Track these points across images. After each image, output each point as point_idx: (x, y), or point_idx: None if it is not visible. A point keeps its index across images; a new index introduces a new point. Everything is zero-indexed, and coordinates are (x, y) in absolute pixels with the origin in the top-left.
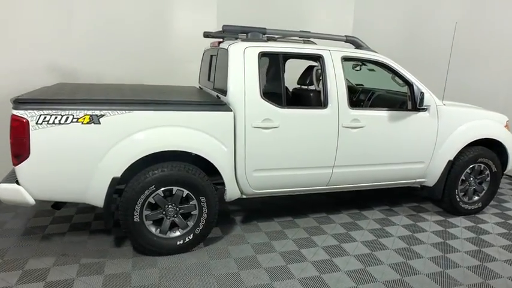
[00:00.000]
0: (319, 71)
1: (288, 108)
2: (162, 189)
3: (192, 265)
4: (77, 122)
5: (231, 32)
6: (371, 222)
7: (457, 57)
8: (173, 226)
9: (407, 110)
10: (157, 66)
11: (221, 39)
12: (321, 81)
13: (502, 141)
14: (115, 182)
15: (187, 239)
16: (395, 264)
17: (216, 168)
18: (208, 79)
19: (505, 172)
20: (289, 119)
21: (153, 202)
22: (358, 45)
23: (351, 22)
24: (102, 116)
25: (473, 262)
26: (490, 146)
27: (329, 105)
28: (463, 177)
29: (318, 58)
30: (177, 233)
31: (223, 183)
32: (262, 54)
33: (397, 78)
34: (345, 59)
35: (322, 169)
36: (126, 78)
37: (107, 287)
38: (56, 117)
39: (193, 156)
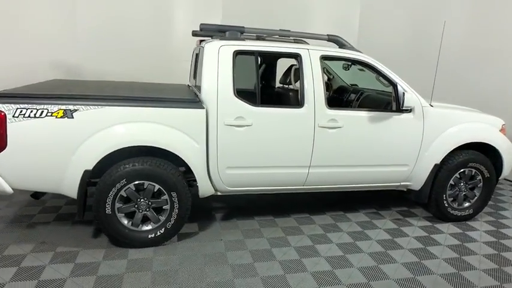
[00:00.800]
0: (298, 70)
1: (262, 106)
2: (134, 183)
3: (161, 260)
4: (51, 116)
5: (208, 31)
6: (353, 224)
7: (467, 57)
8: (147, 220)
9: (390, 111)
10: (158, 64)
11: (204, 38)
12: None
13: (495, 146)
14: (87, 174)
15: (158, 233)
16: (365, 268)
17: None
18: (194, 77)
19: (499, 178)
20: (263, 117)
21: (125, 196)
22: (341, 44)
23: (357, 21)
24: (75, 110)
25: (449, 270)
26: (484, 150)
27: (305, 104)
28: (452, 182)
29: (296, 57)
30: (149, 227)
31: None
32: (238, 53)
33: (381, 78)
34: (324, 58)
35: (298, 169)
36: (127, 76)
37: (74, 274)
38: (31, 111)
39: (172, 153)
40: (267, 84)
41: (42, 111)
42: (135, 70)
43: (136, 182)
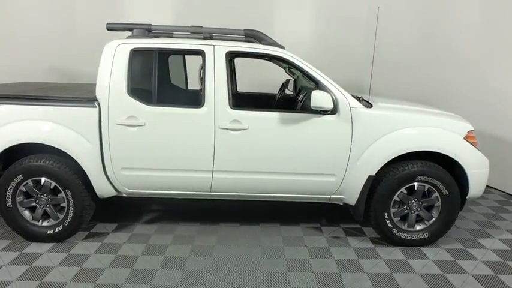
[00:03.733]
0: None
1: (156, 106)
2: (32, 179)
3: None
4: None
5: (115, 30)
6: (277, 238)
7: (485, 55)
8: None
9: (308, 112)
10: None
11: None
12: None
13: (452, 156)
14: None
15: (56, 230)
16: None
17: None
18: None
19: (467, 197)
20: (157, 117)
21: (24, 190)
22: (259, 39)
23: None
24: None
25: None
26: (448, 163)
27: (205, 104)
28: (397, 198)
29: (199, 53)
30: (49, 223)
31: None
32: (136, 51)
33: (305, 76)
34: (232, 54)
35: (200, 173)
36: None
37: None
38: None
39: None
40: (170, 82)
41: None
42: None
43: (34, 178)
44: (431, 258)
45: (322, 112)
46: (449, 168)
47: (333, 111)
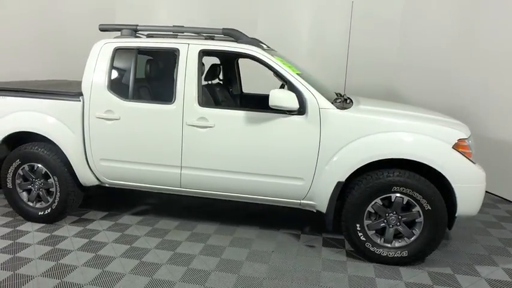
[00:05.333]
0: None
1: (131, 101)
2: (27, 164)
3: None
4: None
5: (107, 31)
6: (248, 243)
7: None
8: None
9: (275, 112)
10: None
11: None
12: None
13: (434, 166)
14: None
15: (46, 212)
16: None
17: None
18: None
19: (456, 215)
20: (131, 112)
21: (22, 174)
22: (236, 38)
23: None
24: None
25: None
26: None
27: (175, 101)
28: (371, 209)
29: (174, 52)
30: (41, 205)
31: None
32: (119, 50)
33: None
34: (205, 52)
35: (170, 168)
36: None
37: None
38: None
39: None
40: (152, 79)
41: None
42: None
43: (29, 164)
44: (404, 279)
45: (288, 112)
46: (439, 182)
47: (301, 111)
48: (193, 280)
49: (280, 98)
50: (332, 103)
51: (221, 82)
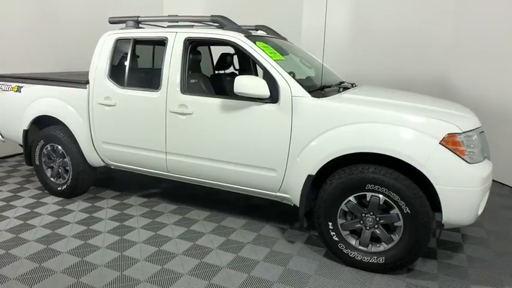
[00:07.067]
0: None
1: (125, 88)
2: (49, 144)
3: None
4: (11, 90)
5: (114, 23)
6: (222, 231)
7: None
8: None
9: (248, 99)
10: None
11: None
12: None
13: (410, 162)
14: (25, 133)
15: (63, 188)
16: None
17: None
18: None
19: (443, 222)
20: (125, 98)
21: (45, 153)
22: (222, 25)
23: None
24: (22, 87)
25: None
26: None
27: (160, 88)
28: (345, 207)
29: (164, 41)
30: (60, 181)
31: None
32: (120, 40)
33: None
34: (190, 40)
35: (157, 153)
36: None
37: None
38: (5, 87)
39: None
40: (147, 67)
41: (8, 87)
42: None
43: (52, 144)
44: None
45: (261, 100)
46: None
47: (274, 99)
48: (200, 275)
49: (246, 85)
50: (310, 92)
51: (236, 72)
